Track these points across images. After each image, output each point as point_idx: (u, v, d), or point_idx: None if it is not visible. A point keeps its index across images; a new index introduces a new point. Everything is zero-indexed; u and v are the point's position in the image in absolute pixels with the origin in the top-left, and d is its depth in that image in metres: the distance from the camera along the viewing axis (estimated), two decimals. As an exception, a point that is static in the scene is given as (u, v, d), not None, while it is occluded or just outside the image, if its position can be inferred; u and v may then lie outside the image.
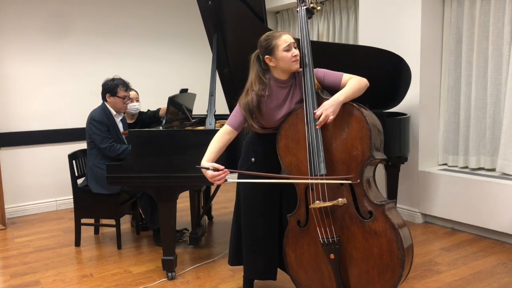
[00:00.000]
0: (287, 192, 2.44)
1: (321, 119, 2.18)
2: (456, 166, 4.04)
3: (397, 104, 3.55)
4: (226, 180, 2.17)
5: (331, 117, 2.17)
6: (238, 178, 2.37)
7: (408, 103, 3.86)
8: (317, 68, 2.36)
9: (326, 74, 2.35)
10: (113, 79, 3.55)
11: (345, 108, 2.22)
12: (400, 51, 3.48)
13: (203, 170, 2.19)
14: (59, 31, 4.71)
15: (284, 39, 2.24)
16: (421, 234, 3.78)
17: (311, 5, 2.46)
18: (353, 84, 2.26)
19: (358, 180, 2.18)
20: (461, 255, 3.32)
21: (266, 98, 2.32)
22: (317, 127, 2.21)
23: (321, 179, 2.20)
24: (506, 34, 3.57)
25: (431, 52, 3.99)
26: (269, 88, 2.32)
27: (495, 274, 2.98)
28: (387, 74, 3.42)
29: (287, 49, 2.23)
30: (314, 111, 2.22)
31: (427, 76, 3.97)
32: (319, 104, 2.24)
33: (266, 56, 2.28)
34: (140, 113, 4.04)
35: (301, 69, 2.33)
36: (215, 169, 2.16)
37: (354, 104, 2.23)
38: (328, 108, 2.18)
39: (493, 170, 3.79)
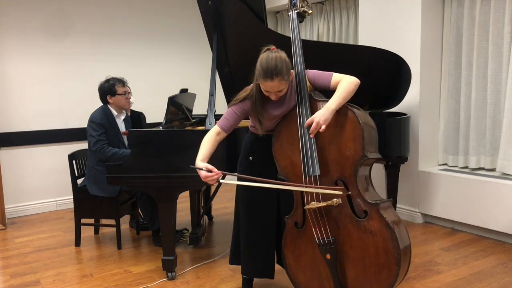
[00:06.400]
0: (284, 194, 2.46)
1: (312, 128, 2.19)
2: (456, 166, 4.04)
3: (397, 104, 3.55)
4: (218, 181, 2.23)
5: (323, 127, 2.18)
6: (231, 179, 2.38)
7: (408, 103, 3.86)
8: (307, 70, 2.36)
9: (316, 75, 2.34)
10: (107, 80, 3.54)
11: (338, 108, 2.23)
12: (400, 51, 3.48)
13: (197, 169, 2.25)
14: (59, 31, 4.71)
15: (268, 86, 2.20)
16: (421, 234, 3.78)
17: (302, 9, 2.47)
18: (343, 88, 2.23)
19: (349, 192, 2.20)
20: (461, 255, 3.32)
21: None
22: (310, 136, 2.22)
23: (311, 187, 2.23)
24: (506, 34, 3.57)
25: (431, 52, 3.99)
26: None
27: (495, 274, 2.98)
28: (387, 74, 3.42)
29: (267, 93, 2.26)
30: (306, 121, 2.22)
31: (427, 76, 3.97)
32: (312, 107, 2.26)
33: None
34: (139, 115, 4.05)
35: (293, 74, 2.32)
36: (208, 170, 2.20)
37: (347, 105, 2.24)
38: (320, 118, 2.18)
39: (493, 170, 3.79)
